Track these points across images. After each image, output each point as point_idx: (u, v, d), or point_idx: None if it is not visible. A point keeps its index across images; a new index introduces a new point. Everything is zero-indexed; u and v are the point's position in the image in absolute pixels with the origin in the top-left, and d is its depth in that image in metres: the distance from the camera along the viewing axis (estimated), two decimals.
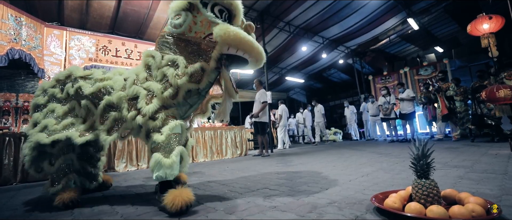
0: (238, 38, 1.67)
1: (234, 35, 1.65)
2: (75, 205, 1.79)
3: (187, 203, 1.43)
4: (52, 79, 2.12)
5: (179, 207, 1.40)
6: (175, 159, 1.56)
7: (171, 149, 1.59)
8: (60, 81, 2.06)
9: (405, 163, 2.75)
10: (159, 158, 1.54)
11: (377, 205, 1.24)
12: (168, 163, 1.53)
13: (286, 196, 1.67)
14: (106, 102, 1.82)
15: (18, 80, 6.54)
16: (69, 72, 2.07)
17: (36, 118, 1.94)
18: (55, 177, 1.90)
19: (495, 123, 4.71)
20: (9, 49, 4.57)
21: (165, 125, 1.65)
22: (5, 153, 3.36)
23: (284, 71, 12.55)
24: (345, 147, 6.49)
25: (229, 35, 1.65)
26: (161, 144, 1.59)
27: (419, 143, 1.31)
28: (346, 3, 7.85)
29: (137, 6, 6.40)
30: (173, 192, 1.46)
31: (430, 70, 9.77)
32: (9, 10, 4.64)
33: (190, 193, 1.49)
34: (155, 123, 1.66)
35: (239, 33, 1.67)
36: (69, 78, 2.04)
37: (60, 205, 1.74)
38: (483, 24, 5.78)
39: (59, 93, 2.00)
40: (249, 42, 1.70)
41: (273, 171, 2.91)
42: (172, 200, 1.41)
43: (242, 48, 1.70)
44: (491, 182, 1.69)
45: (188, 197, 1.46)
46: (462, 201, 1.16)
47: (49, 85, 2.07)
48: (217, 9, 1.78)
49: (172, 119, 1.71)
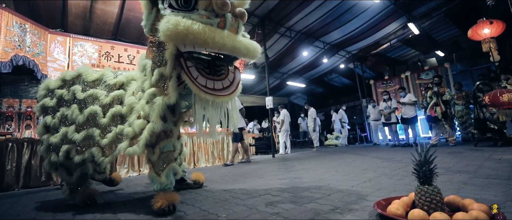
0: (184, 32, 1.35)
1: (178, 29, 1.35)
2: (93, 203, 1.99)
3: (169, 204, 1.59)
4: (58, 78, 2.11)
5: (163, 207, 1.57)
6: (165, 177, 1.71)
7: (162, 167, 1.74)
8: (67, 82, 2.06)
9: (407, 168, 2.74)
10: (152, 175, 1.74)
11: (380, 212, 1.23)
12: (160, 181, 1.70)
13: (289, 203, 1.66)
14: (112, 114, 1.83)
15: (21, 86, 6.59)
16: (77, 73, 2.06)
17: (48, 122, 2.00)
18: (73, 187, 2.03)
19: (498, 127, 4.67)
20: (13, 55, 4.62)
21: (157, 144, 1.74)
22: (8, 159, 3.37)
23: (285, 76, 12.58)
24: (347, 152, 6.46)
25: (171, 30, 1.35)
26: (154, 162, 1.74)
27: (422, 148, 1.30)
28: (346, 8, 7.90)
29: (139, 12, 6.47)
30: (160, 194, 1.65)
31: (431, 74, 9.75)
32: (14, 17, 4.71)
33: (175, 196, 1.67)
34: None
35: (187, 26, 1.35)
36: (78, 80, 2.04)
37: (80, 203, 1.96)
38: (484, 29, 5.79)
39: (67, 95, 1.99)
40: (201, 34, 1.36)
41: (275, 177, 2.90)
42: (157, 201, 1.61)
43: (197, 42, 1.39)
44: (495, 187, 1.67)
45: (171, 199, 1.63)
46: (466, 208, 1.14)
47: (55, 86, 2.07)
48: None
49: (164, 136, 1.76)
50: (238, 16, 1.56)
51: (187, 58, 1.53)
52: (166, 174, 1.72)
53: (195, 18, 1.43)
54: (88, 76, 2.01)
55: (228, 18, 1.50)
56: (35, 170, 3.50)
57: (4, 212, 2.05)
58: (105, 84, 1.98)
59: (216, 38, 1.39)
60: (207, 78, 1.52)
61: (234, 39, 1.48)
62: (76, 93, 1.93)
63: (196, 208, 1.74)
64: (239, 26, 1.58)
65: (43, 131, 2.00)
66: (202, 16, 1.46)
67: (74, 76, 2.04)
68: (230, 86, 1.60)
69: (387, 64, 12.26)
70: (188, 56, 1.54)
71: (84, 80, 2.01)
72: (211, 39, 1.38)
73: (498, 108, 4.70)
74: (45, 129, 2.00)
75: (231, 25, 1.51)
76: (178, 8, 1.49)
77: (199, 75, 1.51)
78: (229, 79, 1.61)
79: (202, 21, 1.43)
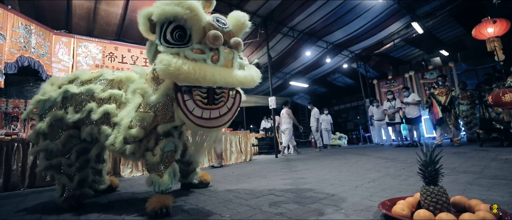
0: (176, 72, 1.39)
1: (170, 70, 1.39)
2: (80, 207, 1.95)
3: (163, 207, 1.57)
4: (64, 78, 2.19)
5: (156, 210, 1.55)
6: (167, 177, 1.72)
7: (164, 167, 1.74)
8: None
9: (412, 169, 2.71)
10: (154, 178, 1.72)
11: (385, 212, 1.22)
12: (162, 181, 1.70)
13: (292, 203, 1.66)
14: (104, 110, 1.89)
15: (26, 87, 6.66)
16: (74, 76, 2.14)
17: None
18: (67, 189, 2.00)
19: (504, 127, 4.61)
20: (19, 56, 4.68)
21: (157, 145, 1.76)
22: (14, 159, 3.40)
23: (288, 76, 12.57)
24: (350, 152, 6.43)
25: (163, 70, 1.40)
26: (155, 164, 1.74)
27: (427, 148, 1.29)
28: (350, 7, 7.87)
29: None
30: (155, 196, 1.64)
31: (435, 74, 9.67)
32: (20, 19, 4.77)
33: (170, 199, 1.64)
34: (149, 143, 1.79)
35: (177, 67, 1.38)
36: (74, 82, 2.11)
37: (66, 206, 1.91)
38: (488, 28, 5.73)
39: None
40: (191, 74, 1.39)
41: (278, 177, 2.90)
42: (151, 203, 1.59)
43: (189, 81, 1.43)
44: (501, 188, 1.65)
45: (166, 201, 1.60)
46: (472, 209, 1.13)
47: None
48: (170, 29, 1.52)
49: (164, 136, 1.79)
50: (233, 46, 1.55)
51: (185, 91, 1.54)
52: (168, 174, 1.73)
53: (188, 55, 1.46)
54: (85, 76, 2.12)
55: (221, 51, 1.50)
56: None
57: (9, 211, 2.07)
58: (103, 80, 2.06)
59: (206, 77, 1.40)
60: (204, 109, 1.53)
61: (227, 75, 1.47)
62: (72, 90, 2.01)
63: (199, 207, 1.74)
64: (234, 57, 1.55)
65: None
66: (195, 51, 1.47)
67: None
68: (227, 114, 1.60)
69: (390, 64, 12.19)
70: (186, 89, 1.53)
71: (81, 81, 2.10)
72: (202, 78, 1.40)
73: (503, 108, 4.64)
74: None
75: (225, 58, 1.50)
76: (174, 43, 1.52)
77: (196, 107, 1.52)
78: (227, 106, 1.60)
79: (195, 57, 1.46)
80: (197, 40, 1.51)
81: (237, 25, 1.64)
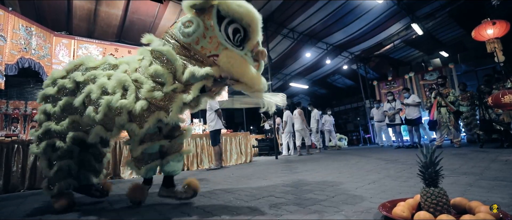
0: (241, 72, 1.59)
1: (237, 68, 1.58)
2: (71, 208, 1.94)
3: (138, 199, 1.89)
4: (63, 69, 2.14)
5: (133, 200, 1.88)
6: (144, 172, 1.88)
7: (144, 164, 1.87)
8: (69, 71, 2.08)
9: (412, 170, 2.71)
10: (131, 165, 1.91)
11: (385, 214, 1.22)
12: (139, 172, 1.89)
13: (292, 205, 1.66)
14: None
15: (27, 88, 6.67)
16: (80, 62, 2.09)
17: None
18: (51, 181, 1.94)
19: (505, 128, 4.61)
20: (19, 58, 4.69)
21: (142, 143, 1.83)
22: (14, 160, 3.41)
23: (288, 77, 12.58)
24: (351, 153, 6.43)
25: (232, 66, 1.57)
26: (135, 157, 1.87)
27: (427, 150, 1.29)
28: (349, 9, 7.89)
29: (143, 15, 6.53)
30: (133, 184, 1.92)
31: (435, 75, 9.68)
32: (20, 20, 4.78)
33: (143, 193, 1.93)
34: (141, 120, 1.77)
35: (244, 67, 1.59)
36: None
37: (58, 209, 1.89)
38: (487, 30, 5.74)
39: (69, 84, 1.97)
40: (251, 77, 1.60)
41: (279, 178, 2.89)
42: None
43: (243, 81, 1.62)
44: (502, 190, 1.65)
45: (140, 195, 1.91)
46: (473, 210, 1.13)
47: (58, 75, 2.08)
48: (232, 28, 1.61)
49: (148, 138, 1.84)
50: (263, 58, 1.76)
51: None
52: (147, 169, 1.87)
53: (249, 61, 1.65)
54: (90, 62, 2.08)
55: (262, 64, 1.76)
56: (41, 171, 3.54)
57: (10, 213, 2.07)
58: (107, 65, 2.02)
59: (261, 86, 1.64)
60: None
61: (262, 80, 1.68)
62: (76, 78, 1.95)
63: (199, 209, 1.74)
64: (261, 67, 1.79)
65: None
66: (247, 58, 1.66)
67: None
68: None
69: (390, 65, 12.21)
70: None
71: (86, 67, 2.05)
72: (258, 86, 1.63)
73: (503, 110, 4.64)
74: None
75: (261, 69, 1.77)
76: (232, 43, 1.61)
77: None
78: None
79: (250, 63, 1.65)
80: (248, 49, 1.67)
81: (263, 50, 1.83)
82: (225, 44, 1.59)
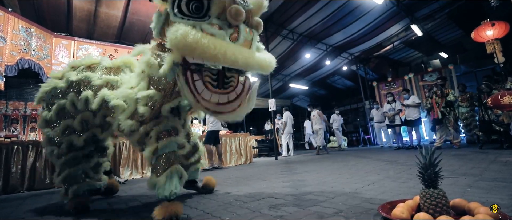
0: (193, 45, 1.25)
1: (187, 41, 1.25)
2: (86, 210, 1.91)
3: (172, 215, 1.45)
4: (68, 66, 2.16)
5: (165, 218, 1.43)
6: (164, 179, 1.54)
7: (163, 169, 1.57)
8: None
9: (411, 171, 2.71)
10: (153, 180, 1.58)
11: (385, 215, 1.22)
12: (160, 184, 1.54)
13: (292, 205, 1.66)
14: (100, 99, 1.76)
15: (26, 89, 6.67)
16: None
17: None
18: (67, 187, 1.98)
19: (504, 129, 4.62)
20: (19, 59, 4.69)
21: (156, 143, 1.61)
22: (13, 161, 3.40)
23: (287, 78, 12.59)
24: (350, 154, 6.43)
25: (179, 40, 1.25)
26: (153, 164, 1.61)
27: (426, 151, 1.29)
28: (349, 10, 7.90)
29: (143, 16, 6.54)
30: (163, 205, 1.50)
31: (435, 76, 9.69)
32: (20, 21, 4.78)
33: (179, 207, 1.50)
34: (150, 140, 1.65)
35: (196, 39, 1.25)
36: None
37: (71, 210, 1.88)
38: (487, 31, 5.76)
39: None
40: (210, 48, 1.25)
41: (278, 179, 2.89)
42: (158, 212, 1.46)
43: (206, 57, 1.28)
44: (501, 191, 1.65)
45: (174, 210, 1.47)
46: (472, 211, 1.13)
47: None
48: (194, 4, 1.36)
49: (166, 134, 1.63)
50: (253, 26, 1.45)
51: (194, 70, 1.40)
52: (167, 176, 1.55)
53: (206, 29, 1.33)
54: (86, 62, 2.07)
55: (242, 30, 1.38)
56: (40, 172, 3.53)
57: (8, 214, 2.07)
58: (101, 67, 1.98)
59: (227, 54, 1.27)
60: (213, 92, 1.38)
61: (248, 55, 1.35)
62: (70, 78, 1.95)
63: (199, 211, 1.74)
64: (253, 38, 1.44)
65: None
66: (213, 26, 1.35)
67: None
68: (235, 101, 1.43)
69: (390, 66, 12.23)
70: (196, 68, 1.40)
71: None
72: (222, 55, 1.26)
73: (503, 111, 4.65)
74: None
75: (245, 38, 1.38)
76: (189, 15, 1.37)
77: (205, 89, 1.38)
78: (236, 92, 1.43)
79: (214, 32, 1.32)
80: (215, 15, 1.38)
81: (257, 4, 1.51)
82: (174, 20, 1.39)
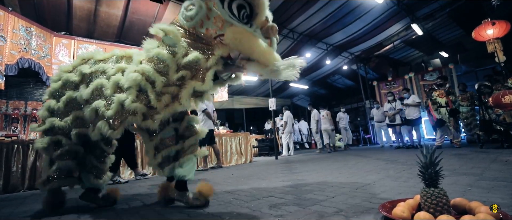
0: (250, 47, 1.48)
1: (245, 43, 1.47)
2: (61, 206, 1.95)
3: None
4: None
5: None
6: (167, 171, 1.87)
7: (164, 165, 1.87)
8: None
9: (412, 170, 2.71)
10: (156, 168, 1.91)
11: (385, 214, 1.22)
12: (165, 174, 1.90)
13: (292, 205, 1.66)
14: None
15: (27, 89, 6.67)
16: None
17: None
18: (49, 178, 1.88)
19: (505, 129, 4.61)
20: (19, 58, 4.69)
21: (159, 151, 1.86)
22: (13, 160, 3.40)
23: None
24: (350, 154, 6.43)
25: (240, 42, 1.47)
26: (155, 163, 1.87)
27: (427, 150, 1.29)
28: (349, 9, 7.89)
29: (143, 15, 6.53)
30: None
31: (435, 75, 9.69)
32: (20, 21, 4.78)
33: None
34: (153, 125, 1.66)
35: (253, 42, 1.48)
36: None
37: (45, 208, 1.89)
38: (487, 30, 5.75)
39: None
40: (262, 52, 1.49)
41: (278, 179, 2.89)
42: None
43: (255, 57, 1.51)
44: (502, 190, 1.65)
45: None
46: (473, 211, 1.13)
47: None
48: (236, 4, 1.48)
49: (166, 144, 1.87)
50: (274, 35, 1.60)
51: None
52: (169, 169, 1.84)
53: (258, 36, 1.51)
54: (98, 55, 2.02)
55: (274, 42, 1.60)
56: (40, 171, 3.53)
57: (9, 213, 2.07)
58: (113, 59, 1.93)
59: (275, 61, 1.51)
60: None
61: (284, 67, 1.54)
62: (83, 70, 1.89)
63: (199, 210, 1.74)
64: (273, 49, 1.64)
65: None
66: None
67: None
68: None
69: (390, 66, 12.21)
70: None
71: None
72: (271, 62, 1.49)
73: (504, 110, 4.64)
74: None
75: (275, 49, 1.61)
76: (238, 19, 1.48)
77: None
78: None
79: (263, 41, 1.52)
80: (258, 26, 1.52)
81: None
82: (230, 21, 1.50)
